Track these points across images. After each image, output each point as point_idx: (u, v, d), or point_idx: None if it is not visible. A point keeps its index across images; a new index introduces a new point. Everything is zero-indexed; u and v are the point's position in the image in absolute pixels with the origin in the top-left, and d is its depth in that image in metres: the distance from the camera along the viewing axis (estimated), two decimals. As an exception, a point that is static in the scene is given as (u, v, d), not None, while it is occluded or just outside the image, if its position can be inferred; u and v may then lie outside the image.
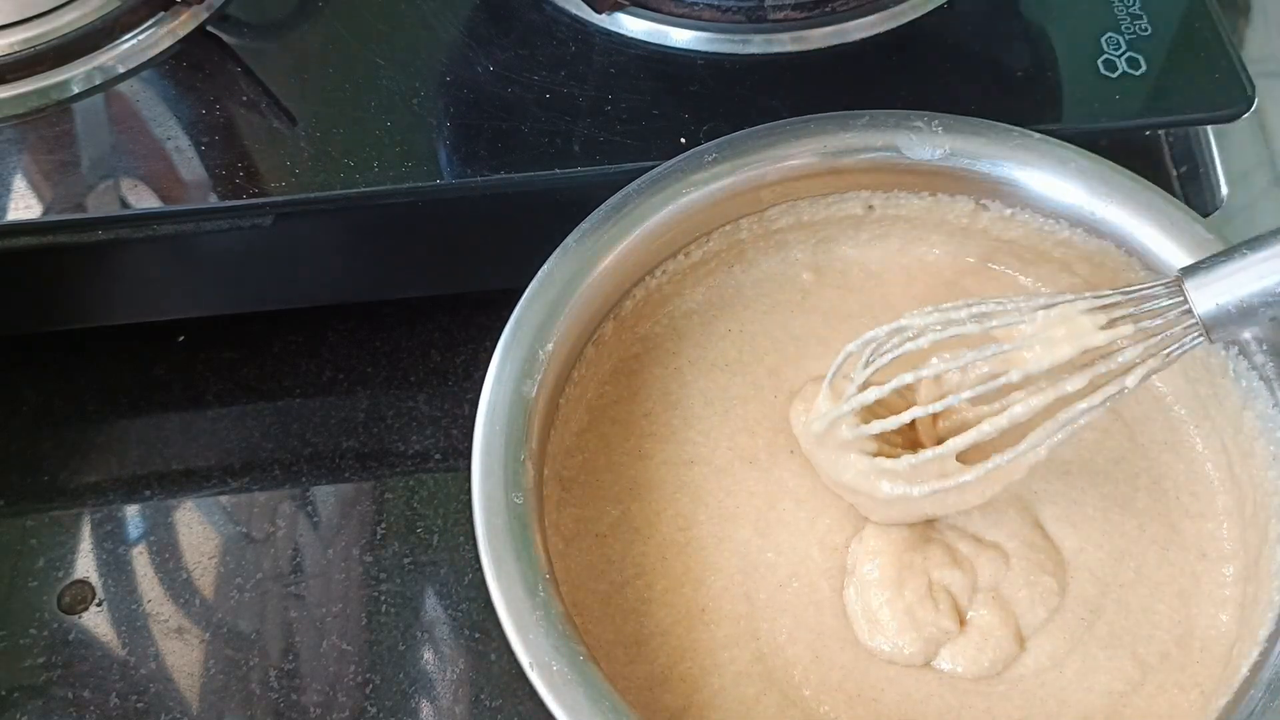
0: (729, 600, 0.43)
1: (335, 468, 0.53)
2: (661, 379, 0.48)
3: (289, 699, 0.47)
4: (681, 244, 0.48)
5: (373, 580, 0.50)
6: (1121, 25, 0.54)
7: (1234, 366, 0.44)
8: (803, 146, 0.47)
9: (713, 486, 0.45)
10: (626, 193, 0.46)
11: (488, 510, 0.40)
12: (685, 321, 0.50)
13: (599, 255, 0.45)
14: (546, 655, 0.38)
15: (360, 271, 0.57)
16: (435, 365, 0.56)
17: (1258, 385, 0.44)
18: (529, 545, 0.40)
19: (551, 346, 0.43)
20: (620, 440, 0.47)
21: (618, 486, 0.45)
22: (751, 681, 0.42)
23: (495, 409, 0.42)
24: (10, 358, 0.55)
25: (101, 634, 0.49)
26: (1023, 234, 0.48)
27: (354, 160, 0.50)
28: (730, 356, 0.49)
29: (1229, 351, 0.44)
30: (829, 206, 0.49)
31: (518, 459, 0.41)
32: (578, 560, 0.44)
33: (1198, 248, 0.44)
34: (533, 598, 0.39)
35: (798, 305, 0.50)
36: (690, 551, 0.44)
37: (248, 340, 0.56)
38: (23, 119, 0.51)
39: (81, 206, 0.49)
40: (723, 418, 0.47)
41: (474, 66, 0.53)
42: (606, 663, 0.41)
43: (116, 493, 0.52)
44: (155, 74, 0.53)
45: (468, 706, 0.47)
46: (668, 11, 0.54)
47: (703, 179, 0.47)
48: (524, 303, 0.44)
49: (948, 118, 0.48)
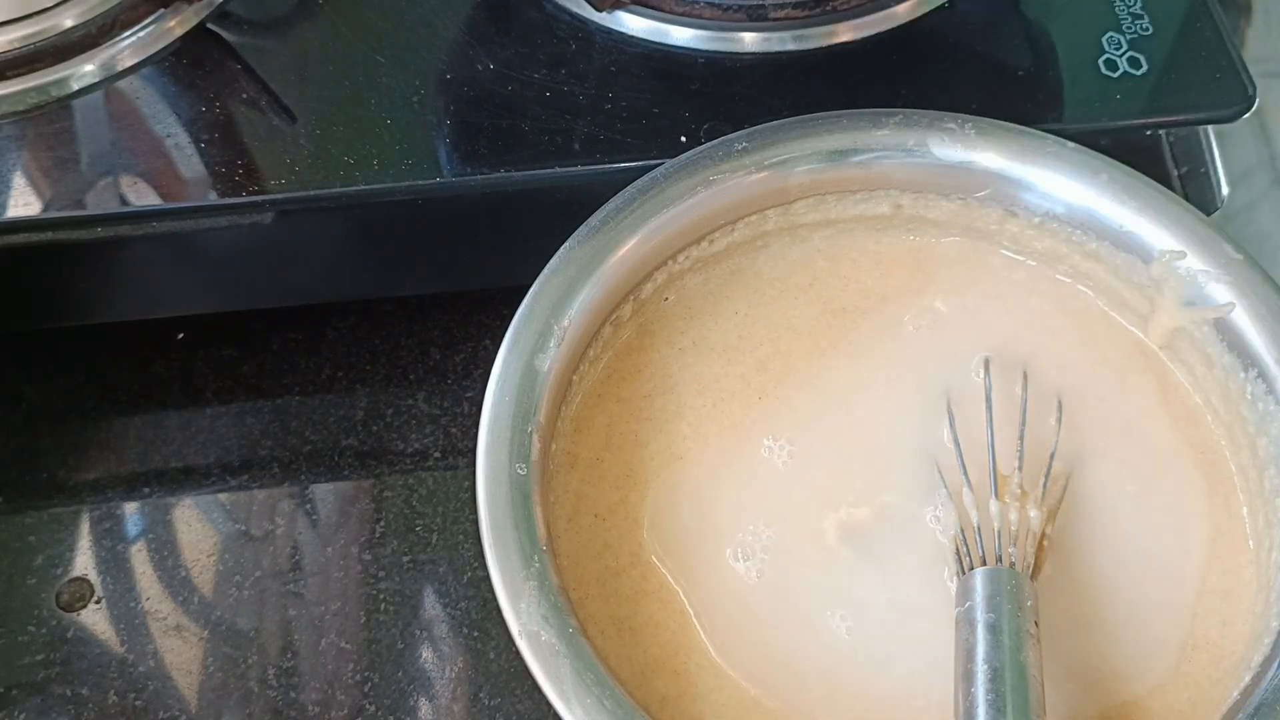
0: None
1: (334, 466, 0.53)
2: (665, 360, 0.48)
3: (288, 697, 0.47)
4: (706, 231, 0.48)
5: (372, 578, 0.50)
6: (1123, 25, 0.54)
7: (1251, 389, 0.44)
8: (833, 141, 0.47)
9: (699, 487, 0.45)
10: (653, 176, 0.46)
11: (491, 479, 0.40)
12: (701, 301, 0.49)
13: (622, 237, 0.45)
14: (536, 625, 0.38)
15: (360, 269, 0.57)
16: (435, 363, 0.56)
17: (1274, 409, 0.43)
18: (529, 516, 0.40)
19: (567, 323, 0.43)
20: (622, 422, 0.46)
21: (616, 471, 0.45)
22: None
23: (506, 380, 0.42)
24: (9, 355, 0.55)
25: (100, 631, 0.49)
26: (1051, 244, 0.48)
27: (354, 158, 0.50)
28: (731, 340, 0.48)
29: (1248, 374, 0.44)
30: (857, 204, 0.49)
31: (525, 431, 0.41)
32: (577, 538, 0.44)
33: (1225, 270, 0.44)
34: (527, 567, 0.39)
35: (804, 292, 0.50)
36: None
37: (247, 338, 0.56)
38: (22, 115, 0.51)
39: (81, 203, 0.49)
40: (711, 410, 0.47)
41: (474, 64, 0.53)
42: (600, 640, 0.41)
43: (115, 490, 0.52)
44: (155, 71, 0.53)
45: (466, 705, 0.47)
46: (668, 10, 0.54)
47: (731, 168, 0.47)
48: (543, 277, 0.44)
49: (981, 121, 0.48)
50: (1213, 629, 0.42)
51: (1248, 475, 0.44)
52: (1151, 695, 0.41)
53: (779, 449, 0.46)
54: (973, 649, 0.38)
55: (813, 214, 0.49)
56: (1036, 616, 0.39)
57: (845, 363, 0.48)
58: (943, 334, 0.48)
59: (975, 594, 0.40)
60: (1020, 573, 0.40)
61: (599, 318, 0.46)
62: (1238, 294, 0.44)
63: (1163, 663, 0.42)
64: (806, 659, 0.42)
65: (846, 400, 0.47)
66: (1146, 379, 0.47)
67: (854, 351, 0.48)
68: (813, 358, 0.48)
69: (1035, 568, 0.42)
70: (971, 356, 0.48)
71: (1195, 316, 0.45)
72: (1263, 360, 0.44)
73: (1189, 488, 0.45)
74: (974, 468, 0.44)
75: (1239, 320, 0.44)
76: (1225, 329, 0.44)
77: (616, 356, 0.48)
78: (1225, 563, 0.44)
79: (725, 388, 0.47)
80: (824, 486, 0.45)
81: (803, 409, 0.47)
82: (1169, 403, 0.47)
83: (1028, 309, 0.49)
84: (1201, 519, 0.45)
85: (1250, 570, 0.43)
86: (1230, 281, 0.44)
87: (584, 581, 0.43)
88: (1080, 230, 0.47)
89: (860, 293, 0.49)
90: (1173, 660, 0.42)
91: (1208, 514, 0.45)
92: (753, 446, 0.46)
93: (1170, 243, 0.45)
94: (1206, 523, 0.45)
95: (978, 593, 0.40)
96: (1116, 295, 0.48)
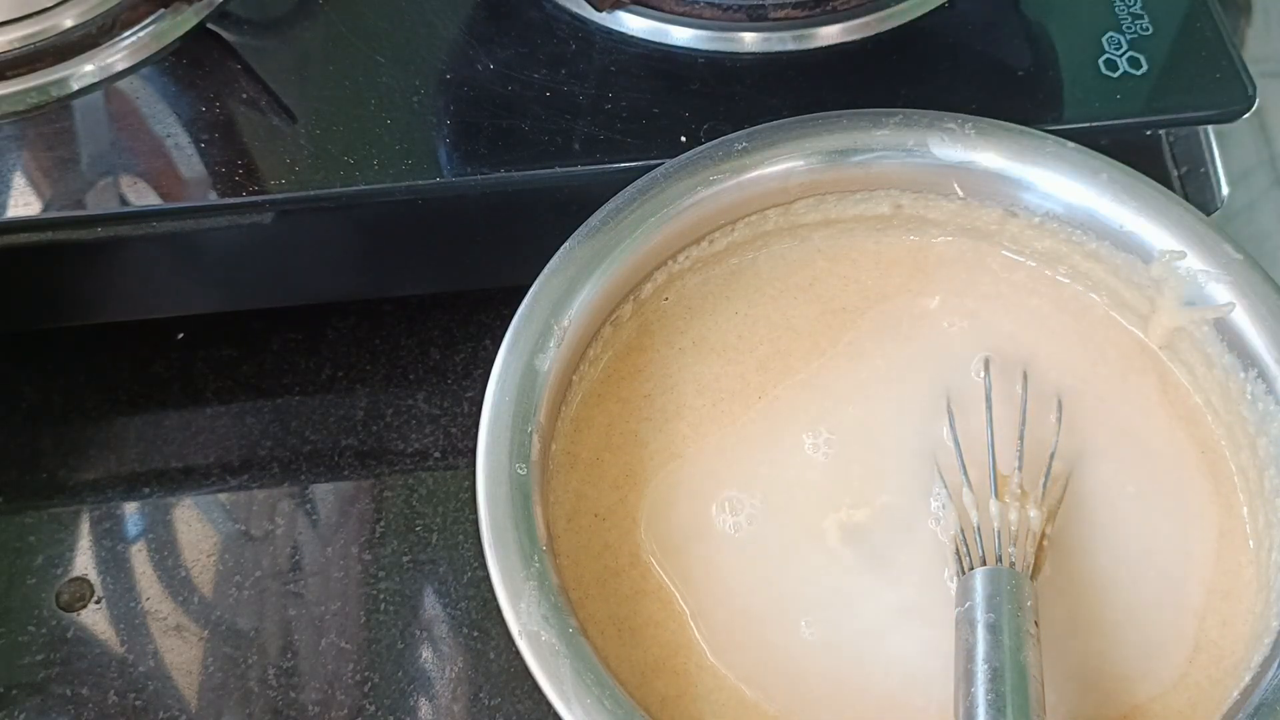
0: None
1: (334, 466, 0.53)
2: (665, 360, 0.48)
3: (287, 697, 0.47)
4: (706, 231, 0.48)
5: (371, 578, 0.50)
6: (1123, 25, 0.54)
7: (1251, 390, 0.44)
8: (833, 141, 0.47)
9: (698, 487, 0.45)
10: (653, 176, 0.46)
11: (491, 479, 0.40)
12: (700, 301, 0.49)
13: (622, 237, 0.45)
14: (536, 625, 0.38)
15: (360, 269, 0.57)
16: (435, 363, 0.56)
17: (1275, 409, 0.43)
18: (529, 516, 0.40)
19: (567, 323, 0.43)
20: (622, 421, 0.46)
21: (616, 471, 0.45)
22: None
23: (506, 380, 0.42)
24: (9, 355, 0.55)
25: (100, 631, 0.49)
26: (1051, 244, 0.48)
27: (354, 158, 0.50)
28: (730, 340, 0.48)
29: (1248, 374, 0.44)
30: (857, 204, 0.49)
31: (525, 430, 0.41)
32: (577, 538, 0.44)
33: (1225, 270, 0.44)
34: (527, 567, 0.39)
35: (804, 291, 0.50)
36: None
37: (247, 338, 0.56)
38: (22, 116, 0.51)
39: (81, 203, 0.49)
40: (711, 410, 0.47)
41: (474, 64, 0.53)
42: (600, 640, 0.41)
43: (115, 490, 0.52)
44: (155, 71, 0.53)
45: (466, 705, 0.47)
46: (668, 10, 0.54)
47: (731, 168, 0.47)
48: (543, 277, 0.44)
49: (981, 121, 0.47)
50: (1213, 629, 0.42)
51: (1248, 475, 0.44)
52: (1153, 698, 0.41)
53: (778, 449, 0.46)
54: (973, 649, 0.38)
55: (813, 214, 0.49)
56: (1036, 616, 0.39)
57: (845, 363, 0.48)
58: (942, 334, 0.48)
59: (975, 594, 0.40)
60: (1020, 573, 0.40)
61: (599, 318, 0.46)
62: (1238, 294, 0.44)
63: (1166, 665, 0.42)
64: (805, 659, 0.42)
65: (846, 400, 0.47)
66: (1146, 379, 0.47)
67: (854, 351, 0.48)
68: (812, 358, 0.48)
69: (1035, 568, 0.42)
70: (971, 356, 0.48)
71: (1195, 316, 0.45)
72: (1263, 360, 0.43)
73: (1189, 488, 0.45)
74: (974, 468, 0.44)
75: (1239, 320, 0.44)
76: (1225, 329, 0.44)
77: (616, 356, 0.48)
78: (1225, 563, 0.44)
79: (725, 387, 0.47)
80: (823, 487, 0.45)
81: (803, 409, 0.47)
82: (1169, 403, 0.47)
83: (1028, 309, 0.49)
84: (1201, 519, 0.45)
85: (1250, 570, 0.43)
86: (1230, 281, 0.44)
87: (584, 581, 0.43)
88: (1080, 230, 0.47)
89: (860, 293, 0.49)
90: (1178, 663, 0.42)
91: (1207, 514, 0.45)
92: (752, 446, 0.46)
93: (1170, 243, 0.45)
94: (1206, 523, 0.44)
95: (978, 593, 0.40)
96: (1116, 295, 0.48)
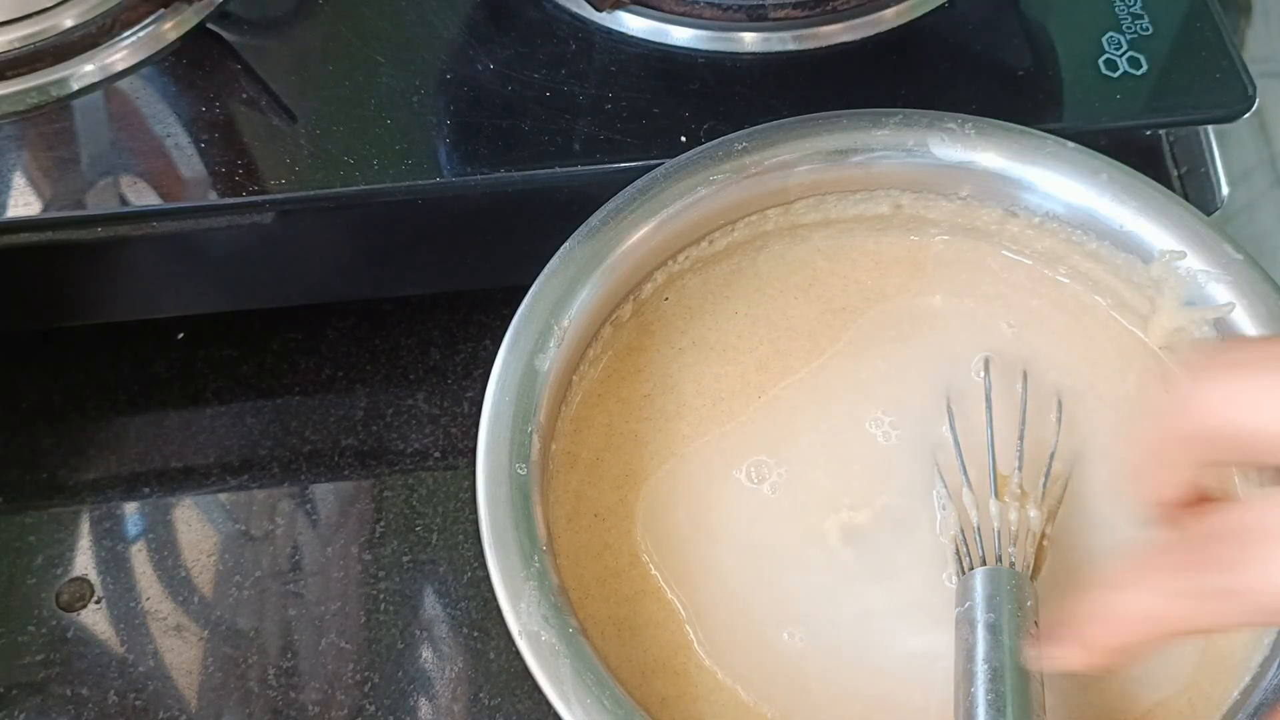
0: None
1: (334, 465, 0.53)
2: (664, 360, 0.48)
3: (287, 697, 0.47)
4: (706, 231, 0.48)
5: (371, 578, 0.50)
6: (1123, 25, 0.54)
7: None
8: (833, 141, 0.47)
9: (696, 487, 0.45)
10: (653, 176, 0.46)
11: (491, 479, 0.40)
12: (700, 301, 0.49)
13: (621, 237, 0.45)
14: (536, 625, 0.38)
15: (360, 269, 0.57)
16: (435, 363, 0.56)
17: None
18: (529, 516, 0.40)
19: (567, 323, 0.43)
20: (621, 421, 0.46)
21: (616, 470, 0.45)
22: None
23: (506, 380, 0.42)
24: (9, 354, 0.55)
25: (100, 631, 0.49)
26: (1051, 244, 0.48)
27: (354, 158, 0.50)
28: (730, 340, 0.48)
29: None
30: (857, 204, 0.49)
31: (525, 430, 0.41)
32: (577, 538, 0.44)
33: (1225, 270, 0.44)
34: (527, 567, 0.39)
35: (803, 291, 0.50)
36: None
37: (247, 338, 0.56)
38: (22, 116, 0.51)
39: (81, 203, 0.49)
40: (711, 410, 0.47)
41: (474, 64, 0.53)
42: (600, 640, 0.41)
43: (115, 490, 0.52)
44: (155, 71, 0.53)
45: (466, 705, 0.47)
46: (668, 10, 0.54)
47: (731, 168, 0.47)
48: (543, 277, 0.44)
49: (981, 121, 0.47)
50: (1212, 629, 0.42)
51: (1248, 475, 0.44)
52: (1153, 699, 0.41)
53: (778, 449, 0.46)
54: (973, 649, 0.38)
55: (813, 214, 0.49)
56: (1036, 616, 0.39)
57: (845, 363, 0.48)
58: (943, 334, 0.48)
59: (975, 594, 0.40)
60: (1020, 573, 0.40)
61: (599, 318, 0.46)
62: (1238, 294, 0.44)
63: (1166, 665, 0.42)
64: (805, 659, 0.42)
65: (846, 400, 0.47)
66: (1147, 379, 0.47)
67: (854, 351, 0.48)
68: (812, 358, 0.48)
69: (1035, 568, 0.42)
70: (971, 356, 0.48)
71: (1195, 316, 0.45)
72: (1263, 360, 0.44)
73: (1188, 488, 0.45)
74: (974, 468, 0.44)
75: (1239, 320, 0.44)
76: (1225, 329, 0.44)
77: (616, 356, 0.48)
78: (1225, 563, 0.44)
79: (725, 387, 0.47)
80: (823, 487, 0.45)
81: (803, 409, 0.47)
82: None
83: (1028, 309, 0.49)
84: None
85: (1250, 570, 0.43)
86: (1230, 281, 0.44)
87: (584, 581, 0.43)
88: (1080, 230, 0.47)
89: (860, 293, 0.49)
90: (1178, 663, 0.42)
91: (1207, 514, 0.45)
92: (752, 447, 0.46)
93: (1170, 243, 0.45)
94: (1206, 523, 0.45)
95: (978, 592, 0.40)
96: (1117, 295, 0.48)
